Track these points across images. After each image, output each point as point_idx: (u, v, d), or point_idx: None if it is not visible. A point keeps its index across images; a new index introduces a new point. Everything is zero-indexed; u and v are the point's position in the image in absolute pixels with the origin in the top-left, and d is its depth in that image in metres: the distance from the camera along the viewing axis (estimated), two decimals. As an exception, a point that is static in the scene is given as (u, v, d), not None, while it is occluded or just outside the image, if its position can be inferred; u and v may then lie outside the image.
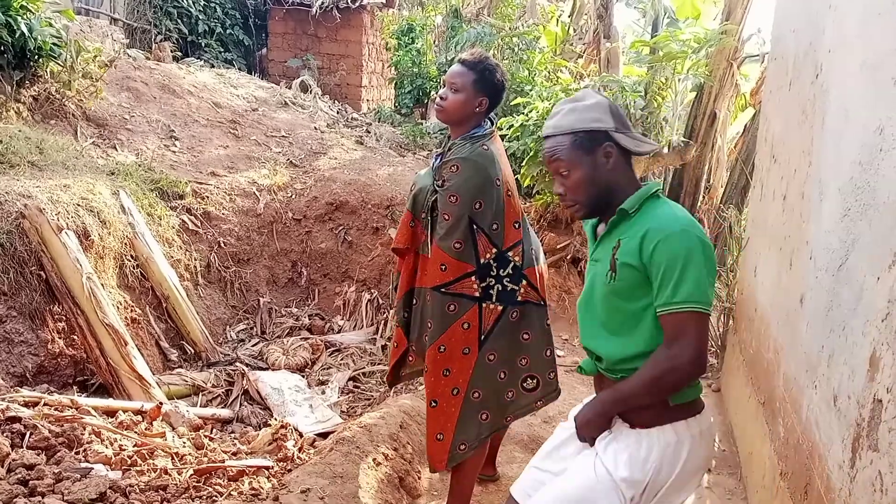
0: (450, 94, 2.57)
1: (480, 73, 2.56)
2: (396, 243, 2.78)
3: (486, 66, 2.57)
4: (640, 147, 1.87)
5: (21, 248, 4.00)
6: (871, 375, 1.83)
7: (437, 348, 2.56)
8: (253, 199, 6.07)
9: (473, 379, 2.56)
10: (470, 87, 2.55)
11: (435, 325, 2.56)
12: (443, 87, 2.62)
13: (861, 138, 2.14)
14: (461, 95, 2.55)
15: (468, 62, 2.58)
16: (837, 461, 2.01)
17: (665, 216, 1.80)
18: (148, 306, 4.76)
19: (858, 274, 2.02)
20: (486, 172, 2.51)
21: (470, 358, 2.55)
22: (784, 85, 3.61)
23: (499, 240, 2.54)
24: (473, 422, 2.60)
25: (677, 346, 1.71)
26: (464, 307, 2.52)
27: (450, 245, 2.51)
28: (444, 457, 2.63)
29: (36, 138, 5.28)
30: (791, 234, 3.02)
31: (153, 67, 7.80)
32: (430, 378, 2.60)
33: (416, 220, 2.72)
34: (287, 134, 7.58)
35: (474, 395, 2.57)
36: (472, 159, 2.51)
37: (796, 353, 2.67)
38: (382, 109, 10.00)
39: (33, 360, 3.87)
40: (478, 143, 2.55)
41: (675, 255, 1.73)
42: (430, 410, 2.64)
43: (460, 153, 2.55)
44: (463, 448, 2.59)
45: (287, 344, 5.18)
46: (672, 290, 1.72)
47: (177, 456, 2.98)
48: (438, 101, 2.61)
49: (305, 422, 3.97)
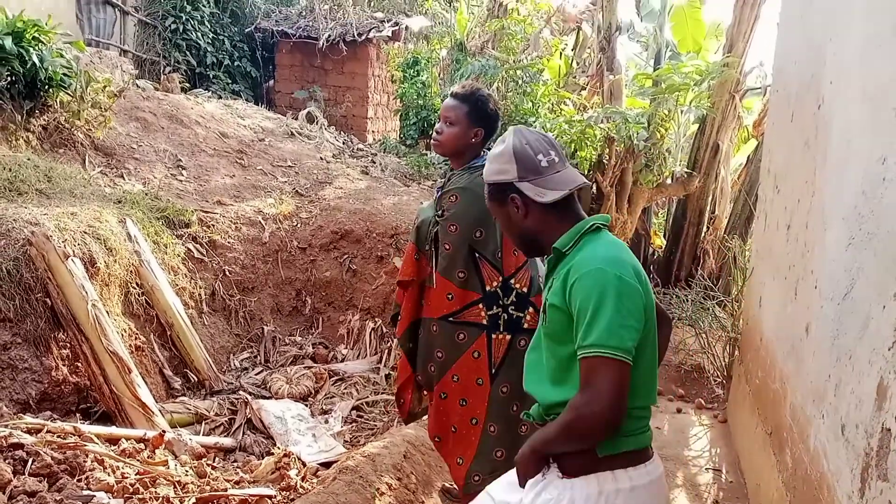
0: (445, 127, 2.60)
1: (473, 104, 2.59)
2: (402, 276, 2.79)
3: (479, 98, 2.60)
4: (543, 196, 1.77)
5: (27, 275, 4.02)
6: (878, 404, 1.82)
7: (451, 377, 2.57)
8: (258, 228, 6.10)
9: (490, 412, 2.57)
10: (464, 119, 2.58)
11: (446, 354, 2.56)
12: (439, 122, 2.65)
13: (864, 168, 2.16)
14: (456, 129, 2.58)
15: (460, 95, 2.61)
16: (847, 492, 1.99)
17: (588, 254, 1.71)
18: (152, 334, 4.76)
19: (864, 303, 2.02)
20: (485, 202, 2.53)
21: (484, 390, 2.56)
22: (786, 116, 3.64)
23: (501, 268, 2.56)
24: (489, 457, 2.59)
25: (588, 392, 1.61)
26: (472, 336, 2.53)
27: (454, 275, 2.52)
28: (461, 481, 2.64)
29: (44, 167, 5.33)
30: (795, 264, 3.03)
31: (161, 98, 7.90)
32: (449, 404, 2.60)
33: (421, 253, 2.73)
34: (293, 164, 7.64)
35: (491, 430, 2.57)
36: (471, 189, 2.54)
37: (803, 382, 2.66)
38: (388, 140, 10.08)
39: (37, 387, 3.86)
40: (477, 173, 2.58)
41: (588, 296, 1.63)
42: (451, 436, 2.64)
43: (459, 183, 2.58)
44: (476, 479, 2.59)
45: (290, 373, 5.16)
46: (584, 333, 1.62)
47: (179, 484, 2.96)
48: (435, 136, 2.65)
49: (309, 451, 3.95)
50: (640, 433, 1.75)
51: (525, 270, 2.59)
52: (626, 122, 5.65)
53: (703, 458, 4.04)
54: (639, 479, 1.72)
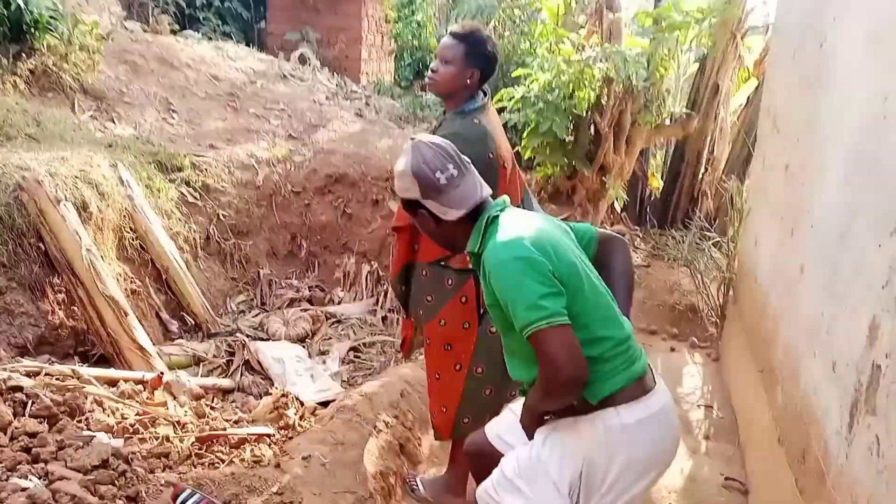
0: (441, 66, 2.55)
1: (471, 44, 2.53)
2: (395, 221, 2.77)
3: (477, 38, 2.54)
4: (446, 214, 1.85)
5: (20, 221, 3.99)
6: (870, 342, 1.83)
7: (438, 322, 2.57)
8: (252, 172, 6.04)
9: (476, 354, 2.57)
10: (461, 59, 2.53)
11: (434, 299, 2.56)
12: (435, 60, 2.60)
13: (865, 106, 2.13)
14: (452, 68, 2.53)
15: (458, 34, 2.55)
16: (835, 427, 2.02)
17: (490, 248, 1.79)
18: (148, 278, 4.75)
19: (859, 241, 2.02)
20: (478, 147, 2.49)
21: (471, 333, 2.56)
22: (788, 55, 3.57)
23: None
24: (478, 397, 2.61)
25: (544, 365, 1.70)
26: (460, 281, 2.53)
27: None
28: (449, 427, 2.66)
29: (33, 111, 5.24)
30: (793, 204, 3.02)
31: (151, 40, 7.72)
32: (432, 350, 2.61)
33: None
34: (286, 107, 7.52)
35: (477, 371, 2.58)
36: (463, 133, 2.49)
37: (796, 320, 2.67)
38: (382, 82, 9.92)
39: (34, 332, 3.88)
40: (468, 118, 2.54)
41: (502, 287, 1.74)
42: (435, 383, 2.66)
43: (451, 128, 2.53)
44: (467, 422, 2.62)
45: (287, 315, 5.19)
46: (515, 319, 1.72)
47: (178, 424, 3.00)
48: (430, 74, 2.60)
49: (307, 391, 3.99)
50: (625, 369, 1.79)
51: None
52: (626, 61, 5.53)
53: (695, 395, 4.11)
54: (641, 413, 1.78)
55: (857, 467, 1.82)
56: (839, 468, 1.94)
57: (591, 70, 5.52)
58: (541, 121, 5.54)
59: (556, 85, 5.55)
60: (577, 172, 6.07)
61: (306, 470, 2.50)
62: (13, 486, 2.01)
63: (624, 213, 7.25)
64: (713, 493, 3.12)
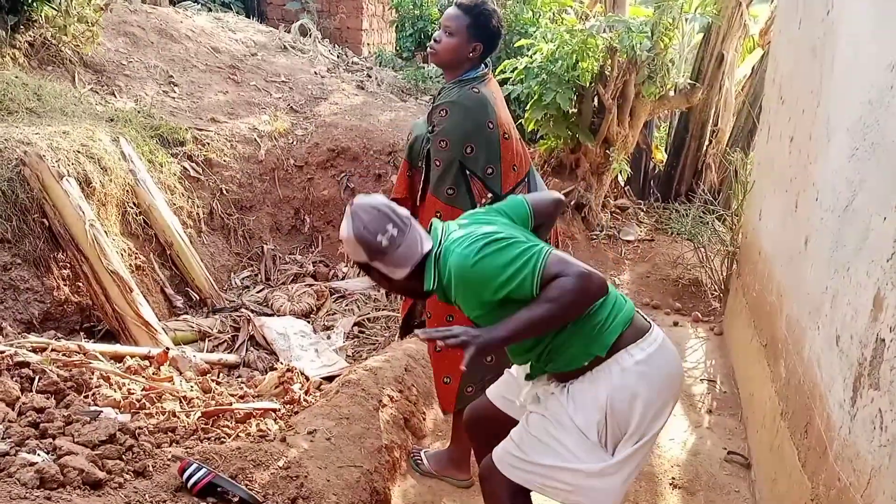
0: (444, 36, 2.52)
1: (476, 17, 2.50)
2: (395, 193, 2.76)
3: (482, 11, 2.51)
4: (395, 274, 1.92)
5: (23, 196, 3.99)
6: (874, 315, 1.83)
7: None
8: (254, 146, 6.02)
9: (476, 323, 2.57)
10: (464, 31, 2.49)
11: None
12: (439, 30, 2.57)
13: (871, 77, 2.10)
14: (455, 39, 2.50)
15: (464, 5, 2.52)
16: (838, 400, 2.03)
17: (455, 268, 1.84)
18: (152, 253, 4.77)
19: (865, 214, 2.01)
20: (477, 116, 2.47)
21: None
22: (793, 23, 3.52)
23: (495, 184, 2.52)
24: (479, 365, 2.62)
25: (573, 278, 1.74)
26: None
27: (442, 191, 2.49)
28: (452, 399, 2.67)
29: (33, 85, 5.21)
30: (797, 176, 2.99)
31: (149, 11, 7.64)
32: (434, 324, 2.61)
33: (414, 170, 2.69)
34: (287, 79, 7.47)
35: None
36: (461, 103, 2.47)
37: (799, 294, 2.67)
38: (383, 53, 9.82)
39: (39, 307, 3.90)
40: (467, 87, 2.51)
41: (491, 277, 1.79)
42: (436, 355, 2.66)
43: (449, 97, 2.51)
44: (470, 390, 2.63)
45: (292, 290, 5.21)
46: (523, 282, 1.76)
47: (185, 399, 3.02)
48: (432, 44, 2.56)
49: (311, 366, 4.02)
50: (619, 314, 1.91)
51: (523, 188, 2.57)
52: (629, 31, 5.46)
53: (698, 369, 4.12)
54: (649, 347, 1.91)
55: (859, 441, 1.83)
56: (842, 442, 1.95)
57: (594, 40, 5.45)
58: (544, 92, 5.48)
59: (559, 55, 5.48)
60: (580, 145, 6.02)
61: (311, 444, 2.53)
62: (22, 460, 2.03)
63: (627, 187, 7.22)
64: (716, 467, 3.15)
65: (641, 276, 5.49)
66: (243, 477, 2.23)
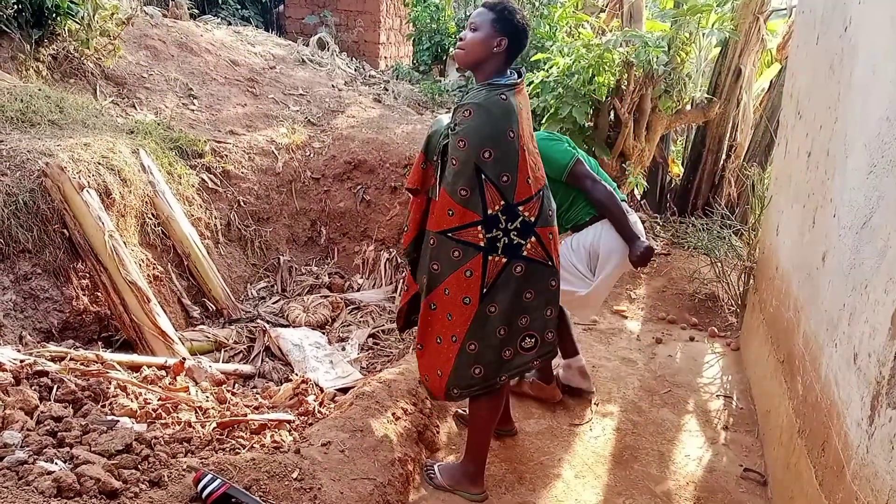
0: (469, 33, 2.54)
1: (500, 12, 2.52)
2: (409, 183, 2.75)
3: (506, 7, 2.54)
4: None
5: (44, 207, 4.05)
6: (892, 333, 1.81)
7: (443, 290, 2.56)
8: (271, 158, 6.07)
9: (471, 330, 2.56)
10: (489, 25, 2.51)
11: (440, 268, 2.56)
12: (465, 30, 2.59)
13: (889, 93, 2.09)
14: (480, 34, 2.51)
15: (489, 3, 2.56)
16: (856, 418, 2.00)
17: None
18: (170, 264, 4.81)
19: (883, 231, 1.99)
20: (499, 123, 2.46)
21: (470, 308, 2.55)
22: (811, 39, 3.51)
23: (509, 193, 2.50)
24: (466, 373, 2.62)
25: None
26: (468, 255, 2.51)
27: (456, 190, 2.48)
28: (442, 389, 2.68)
29: (56, 97, 5.30)
30: (815, 192, 2.98)
31: (170, 25, 7.76)
32: (438, 315, 2.60)
33: (429, 163, 2.69)
34: (305, 92, 7.54)
35: (470, 347, 2.58)
36: (486, 106, 2.46)
37: (817, 311, 2.65)
38: (400, 66, 9.89)
39: (59, 317, 3.95)
40: (496, 92, 2.50)
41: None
42: (435, 346, 2.65)
43: (476, 98, 2.50)
44: (455, 392, 2.65)
45: (307, 301, 5.23)
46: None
47: (200, 410, 3.04)
48: (459, 44, 2.58)
49: (326, 377, 4.03)
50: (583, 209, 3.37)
51: (536, 201, 2.56)
52: (646, 45, 5.47)
53: (714, 385, 4.09)
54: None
55: (877, 461, 1.81)
56: (860, 461, 1.93)
57: (610, 54, 5.46)
58: (560, 106, 5.49)
59: (575, 69, 5.49)
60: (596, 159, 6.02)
61: (325, 456, 2.53)
62: (40, 469, 2.05)
63: (644, 201, 7.19)
64: (732, 484, 3.11)
65: (658, 290, 5.46)
66: (257, 488, 2.23)
